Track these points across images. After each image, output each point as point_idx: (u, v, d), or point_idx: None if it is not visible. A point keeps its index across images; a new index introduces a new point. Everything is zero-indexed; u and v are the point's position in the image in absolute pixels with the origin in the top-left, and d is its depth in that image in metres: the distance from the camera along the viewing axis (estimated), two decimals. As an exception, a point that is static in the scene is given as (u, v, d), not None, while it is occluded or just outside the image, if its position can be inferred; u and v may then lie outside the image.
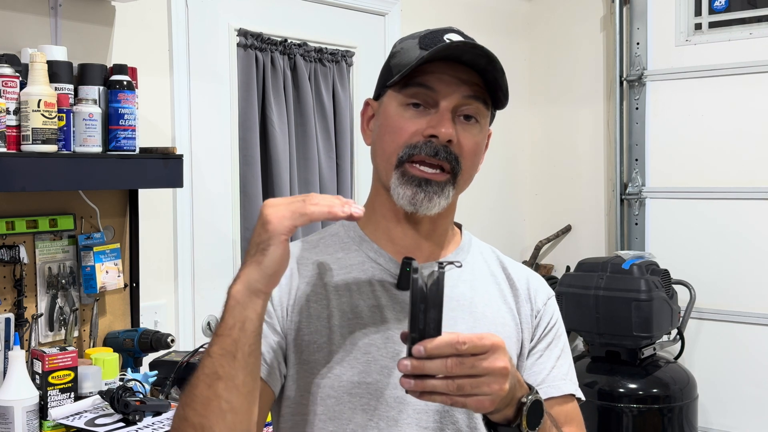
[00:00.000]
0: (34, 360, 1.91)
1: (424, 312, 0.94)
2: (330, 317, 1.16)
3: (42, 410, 1.87)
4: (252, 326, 1.00)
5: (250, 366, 1.01)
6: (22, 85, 1.94)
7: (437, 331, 0.94)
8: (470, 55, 1.12)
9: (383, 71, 1.22)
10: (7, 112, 1.91)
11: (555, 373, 1.22)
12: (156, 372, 2.18)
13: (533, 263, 3.96)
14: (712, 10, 3.62)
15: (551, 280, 3.78)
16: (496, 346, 0.95)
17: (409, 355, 0.94)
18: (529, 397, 1.03)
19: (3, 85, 1.91)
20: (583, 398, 1.26)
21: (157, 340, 2.18)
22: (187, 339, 2.58)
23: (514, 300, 1.25)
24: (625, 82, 3.75)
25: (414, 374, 0.93)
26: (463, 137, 1.15)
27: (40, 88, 1.93)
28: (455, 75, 1.14)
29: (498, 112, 1.24)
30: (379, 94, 1.22)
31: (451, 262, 1.13)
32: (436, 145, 1.13)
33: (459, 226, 1.31)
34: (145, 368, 2.26)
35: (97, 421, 1.86)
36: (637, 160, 3.77)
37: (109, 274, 2.23)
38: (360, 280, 1.19)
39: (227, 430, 0.99)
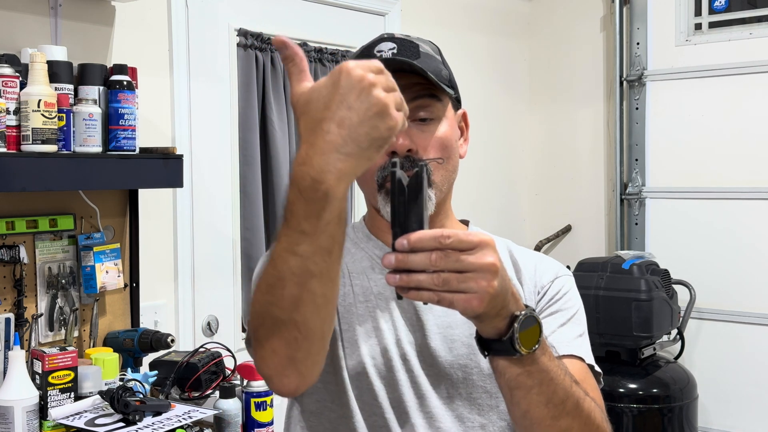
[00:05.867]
0: (34, 360, 1.90)
1: (405, 205, 0.91)
2: (345, 296, 1.23)
3: (42, 410, 1.86)
4: (346, 217, 0.94)
5: (341, 255, 0.96)
6: (22, 85, 1.94)
7: (419, 225, 0.91)
8: (392, 65, 1.12)
9: None
10: (7, 112, 1.91)
11: (555, 337, 1.19)
12: (156, 372, 2.18)
13: (533, 263, 3.96)
14: (712, 10, 3.62)
15: (551, 280, 3.78)
16: (485, 242, 0.91)
17: (393, 250, 0.91)
18: (524, 312, 0.97)
19: (3, 85, 1.90)
20: (599, 369, 1.22)
21: (157, 340, 2.18)
22: (187, 339, 2.58)
23: (518, 279, 1.27)
24: (625, 82, 3.75)
25: (399, 269, 0.90)
26: (422, 139, 1.19)
27: (40, 88, 1.93)
28: None
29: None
30: None
31: (434, 159, 1.16)
32: (400, 159, 1.16)
33: (466, 223, 1.34)
34: (145, 368, 2.26)
35: (97, 421, 1.85)
36: (637, 160, 3.77)
37: (109, 274, 2.23)
38: (369, 269, 1.26)
39: (321, 321, 0.97)
